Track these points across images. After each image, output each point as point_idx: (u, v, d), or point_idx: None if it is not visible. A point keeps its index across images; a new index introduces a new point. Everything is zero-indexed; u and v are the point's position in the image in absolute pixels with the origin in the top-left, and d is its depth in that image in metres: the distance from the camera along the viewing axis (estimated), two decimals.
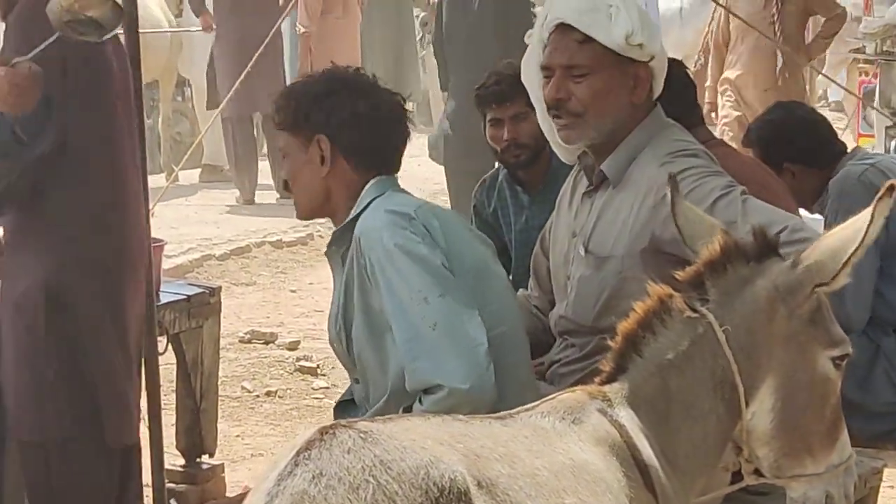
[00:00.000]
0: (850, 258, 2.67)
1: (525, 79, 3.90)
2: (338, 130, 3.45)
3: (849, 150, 4.85)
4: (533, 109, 3.95)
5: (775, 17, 8.81)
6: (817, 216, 4.62)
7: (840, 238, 2.71)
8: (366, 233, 3.33)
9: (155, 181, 5.32)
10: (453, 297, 3.24)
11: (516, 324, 3.47)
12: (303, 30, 11.44)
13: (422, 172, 10.62)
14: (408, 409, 3.24)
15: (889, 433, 4.39)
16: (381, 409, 3.29)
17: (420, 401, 3.19)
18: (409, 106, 3.51)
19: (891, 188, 2.65)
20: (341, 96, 3.46)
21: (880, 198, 2.65)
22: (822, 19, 9.22)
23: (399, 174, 3.58)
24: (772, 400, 2.73)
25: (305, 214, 3.58)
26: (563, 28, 3.52)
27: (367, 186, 3.45)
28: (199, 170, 12.18)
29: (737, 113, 8.91)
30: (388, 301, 3.25)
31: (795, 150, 4.69)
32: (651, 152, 3.52)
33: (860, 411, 4.20)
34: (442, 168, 8.87)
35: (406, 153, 3.61)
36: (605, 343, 3.53)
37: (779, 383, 2.73)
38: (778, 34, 8.83)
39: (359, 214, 3.40)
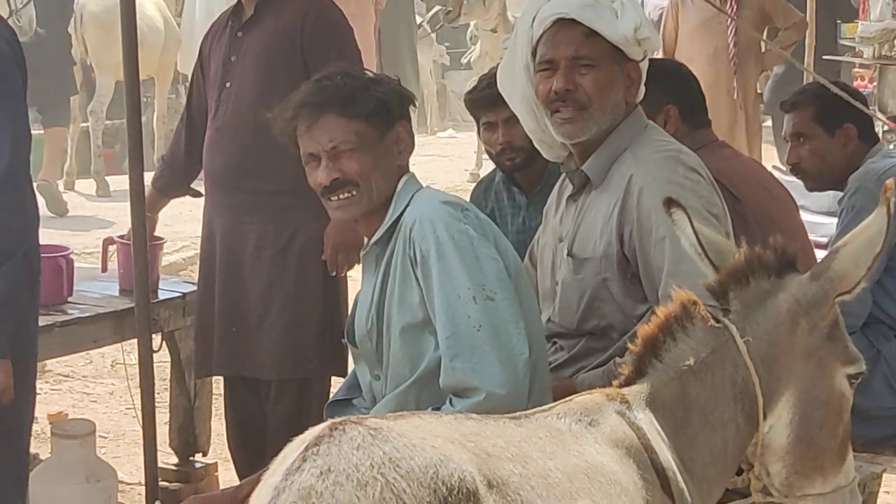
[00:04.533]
0: (874, 260, 2.66)
1: (504, 84, 3.87)
2: (408, 120, 3.42)
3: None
4: None
5: (729, 25, 8.67)
6: (826, 219, 4.56)
7: (860, 243, 2.69)
8: (419, 222, 3.23)
9: (149, 178, 5.27)
10: (502, 302, 3.16)
11: (542, 334, 3.41)
12: None
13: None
14: (424, 403, 3.19)
15: (888, 438, 4.37)
16: (399, 395, 3.24)
17: (451, 402, 3.12)
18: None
19: (888, 188, 2.65)
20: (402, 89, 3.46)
21: (887, 197, 2.64)
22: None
23: None
24: (790, 414, 2.72)
25: (366, 210, 3.37)
26: (563, 23, 3.53)
27: (402, 181, 3.38)
28: None
29: None
30: (436, 293, 3.17)
31: (855, 113, 4.50)
32: (632, 154, 3.53)
33: (859, 415, 4.12)
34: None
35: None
36: (592, 344, 3.54)
37: (797, 398, 2.72)
38: (731, 44, 8.75)
39: (403, 210, 3.31)
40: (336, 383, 4.93)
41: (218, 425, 5.70)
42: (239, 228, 4.83)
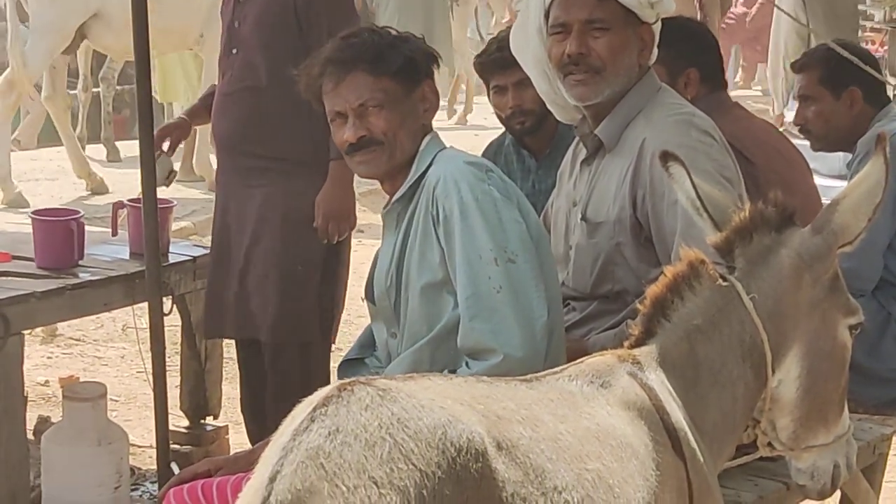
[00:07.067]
0: (875, 211, 2.66)
1: (517, 46, 3.86)
2: (433, 79, 3.41)
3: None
4: None
5: None
6: (836, 182, 4.53)
7: (859, 194, 2.69)
8: (443, 181, 3.22)
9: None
10: (523, 265, 3.16)
11: (560, 298, 3.40)
12: None
13: None
14: (439, 362, 3.20)
15: None
16: (414, 352, 3.24)
17: (467, 364, 3.12)
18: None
19: (881, 137, 2.66)
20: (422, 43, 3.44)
21: (882, 146, 2.66)
22: None
23: None
24: (798, 369, 2.72)
25: (389, 166, 3.35)
26: None
27: (425, 141, 3.37)
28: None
29: None
30: (457, 253, 3.16)
31: (863, 76, 4.48)
32: (645, 117, 3.52)
33: (869, 378, 4.19)
34: None
35: None
36: (606, 307, 3.54)
37: (804, 352, 2.72)
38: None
39: (426, 169, 3.31)
40: (340, 349, 4.96)
41: (229, 388, 5.73)
42: (244, 192, 4.84)
